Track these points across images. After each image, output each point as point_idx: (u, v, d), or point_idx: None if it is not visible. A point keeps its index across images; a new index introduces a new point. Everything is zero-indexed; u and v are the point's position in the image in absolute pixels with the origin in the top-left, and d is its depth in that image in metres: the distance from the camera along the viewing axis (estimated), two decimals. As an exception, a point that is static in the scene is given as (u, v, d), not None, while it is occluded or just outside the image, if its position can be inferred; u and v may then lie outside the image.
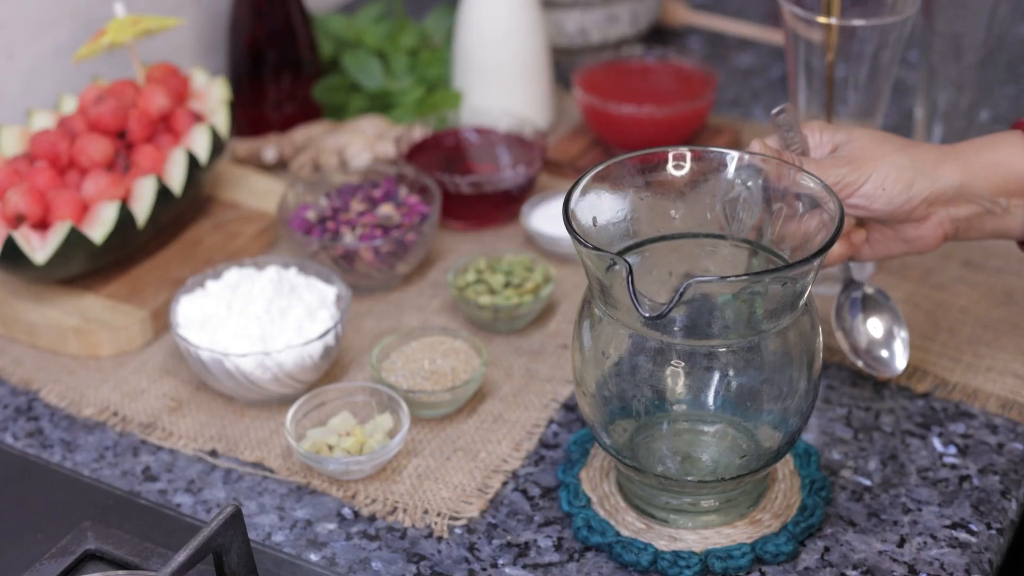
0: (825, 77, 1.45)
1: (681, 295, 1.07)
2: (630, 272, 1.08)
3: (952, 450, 1.34)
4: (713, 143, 1.76)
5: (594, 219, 1.20)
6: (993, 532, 1.26)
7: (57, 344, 1.47)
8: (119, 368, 1.46)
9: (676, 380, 1.18)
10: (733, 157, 1.22)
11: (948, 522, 1.26)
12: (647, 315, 1.08)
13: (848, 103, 1.46)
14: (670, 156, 1.23)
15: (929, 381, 1.42)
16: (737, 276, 1.11)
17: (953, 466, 1.32)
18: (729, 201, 1.23)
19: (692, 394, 1.19)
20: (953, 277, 1.55)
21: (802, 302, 1.16)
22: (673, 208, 1.24)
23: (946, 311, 1.50)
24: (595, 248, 1.11)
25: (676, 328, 1.14)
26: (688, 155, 1.23)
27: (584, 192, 1.20)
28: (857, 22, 1.41)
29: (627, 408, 1.20)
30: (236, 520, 1.15)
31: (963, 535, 1.25)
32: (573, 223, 1.16)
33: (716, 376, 1.17)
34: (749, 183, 1.21)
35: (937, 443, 1.35)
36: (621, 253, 1.23)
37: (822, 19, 1.42)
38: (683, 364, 1.16)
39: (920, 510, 1.28)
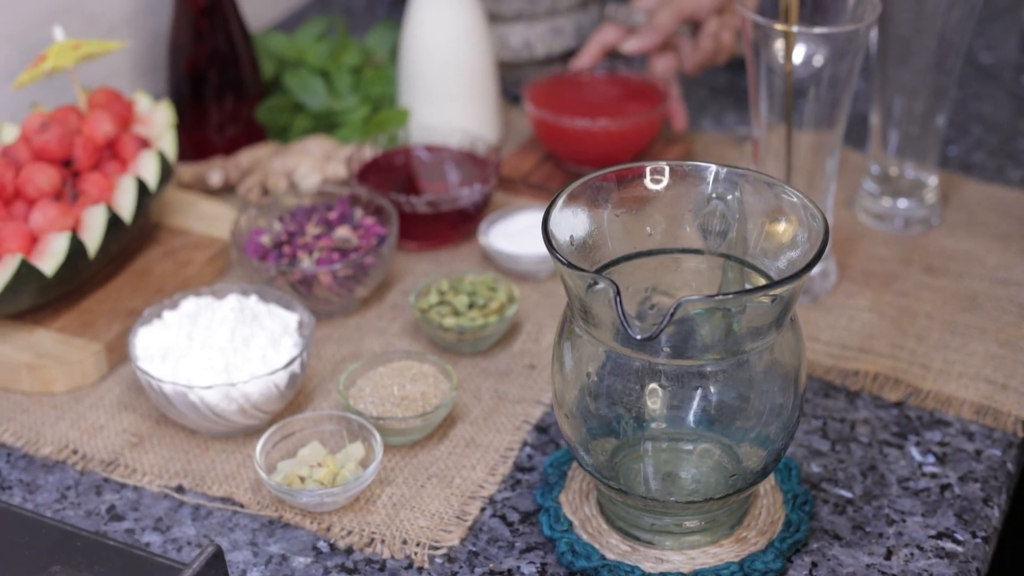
0: (785, 86, 1.43)
1: (672, 315, 1.05)
2: (617, 293, 1.06)
3: (931, 459, 1.33)
4: (666, 155, 1.74)
5: (571, 237, 1.18)
6: (979, 540, 1.25)
7: (9, 381, 1.43)
8: (75, 404, 1.42)
9: (658, 399, 1.16)
10: (711, 171, 1.20)
11: (933, 532, 1.25)
12: (639, 337, 1.06)
13: (807, 113, 1.45)
14: (647, 171, 1.21)
15: (902, 390, 1.41)
16: (725, 294, 1.09)
17: (933, 475, 1.31)
18: (706, 215, 1.21)
19: (675, 413, 1.17)
20: (916, 283, 1.54)
21: (787, 318, 1.15)
22: (648, 224, 1.22)
23: (912, 318, 1.49)
24: (578, 268, 1.09)
25: (662, 348, 1.11)
26: (666, 170, 1.21)
27: (561, 210, 1.17)
28: (818, 30, 1.40)
29: (608, 427, 1.18)
30: (217, 560, 1.11)
31: (949, 545, 1.24)
32: (553, 243, 1.13)
33: (700, 395, 1.15)
34: (728, 196, 1.20)
35: (915, 452, 1.34)
36: (599, 271, 1.20)
37: (781, 27, 1.40)
38: (667, 384, 1.14)
39: (904, 521, 1.26)
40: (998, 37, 2.05)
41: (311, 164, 1.66)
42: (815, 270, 1.51)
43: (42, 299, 1.45)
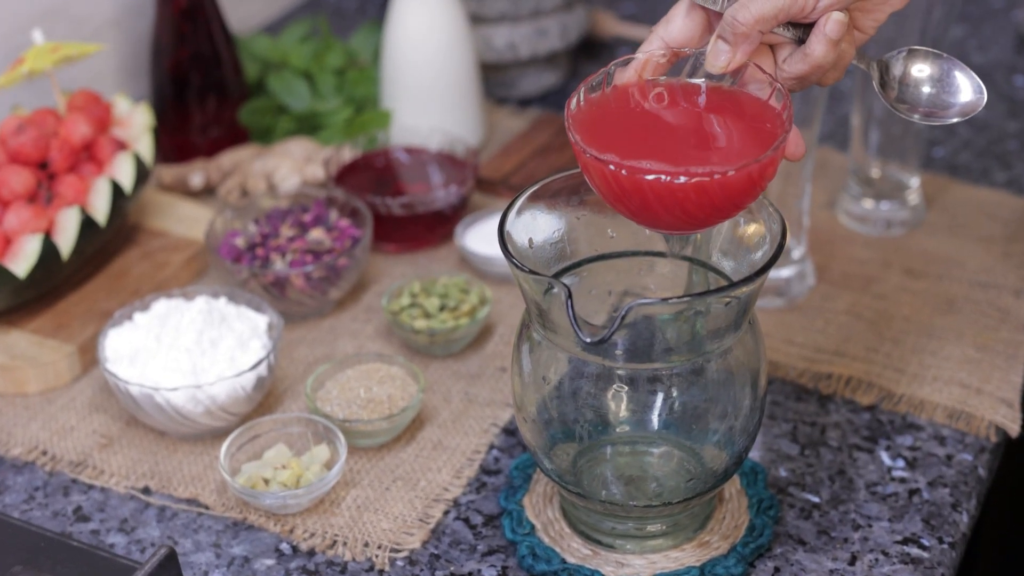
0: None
1: (623, 319, 1.04)
2: (569, 296, 1.06)
3: (900, 463, 1.32)
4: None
5: (530, 240, 1.18)
6: (945, 546, 1.24)
7: (-18, 382, 1.44)
8: (47, 405, 1.42)
9: (619, 403, 1.15)
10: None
11: (899, 538, 1.24)
12: (588, 340, 1.05)
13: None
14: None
15: (875, 393, 1.40)
16: (679, 297, 1.09)
17: (902, 480, 1.30)
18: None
19: (635, 417, 1.16)
20: (895, 286, 1.53)
21: (746, 320, 1.14)
22: (610, 226, 1.22)
23: (889, 321, 1.48)
24: (532, 272, 1.09)
25: (618, 352, 1.11)
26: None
27: (519, 212, 1.17)
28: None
29: (569, 432, 1.18)
30: (170, 562, 1.11)
31: (915, 550, 1.23)
32: (509, 245, 1.13)
33: (659, 398, 1.15)
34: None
35: (885, 457, 1.33)
36: (559, 274, 1.20)
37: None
38: (625, 387, 1.14)
39: (870, 526, 1.26)
40: (990, 38, 2.03)
41: (291, 166, 1.65)
42: (791, 272, 1.50)
43: (16, 301, 1.45)
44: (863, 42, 1.15)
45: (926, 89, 1.13)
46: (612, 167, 1.05)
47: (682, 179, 1.03)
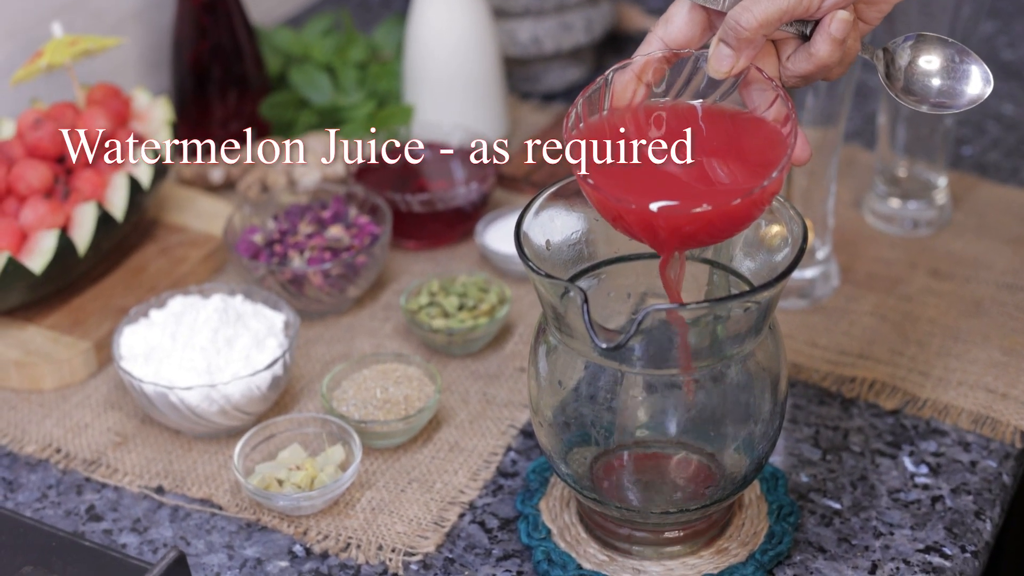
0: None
1: (639, 324, 1.02)
2: (585, 300, 1.04)
3: (924, 470, 1.30)
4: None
5: (547, 242, 1.16)
6: (968, 555, 1.22)
7: (-2, 378, 1.43)
8: (62, 402, 1.41)
9: (636, 409, 1.13)
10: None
11: (921, 546, 1.22)
12: (604, 346, 1.03)
13: (809, 109, 1.42)
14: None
15: (898, 397, 1.38)
16: (698, 303, 1.06)
17: (925, 486, 1.28)
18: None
19: (653, 422, 1.14)
20: (921, 287, 1.51)
21: (767, 324, 1.12)
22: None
23: (914, 323, 1.46)
24: (548, 275, 1.07)
25: (635, 357, 1.09)
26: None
27: (537, 213, 1.15)
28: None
29: (585, 436, 1.16)
30: (179, 566, 1.10)
31: (937, 559, 1.21)
32: (525, 247, 1.11)
33: (678, 404, 1.13)
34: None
35: (908, 463, 1.31)
36: (577, 276, 1.18)
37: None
38: (643, 393, 1.12)
39: (892, 534, 1.24)
40: (1021, 34, 2.00)
41: (311, 161, 1.64)
42: (815, 273, 1.48)
43: (32, 297, 1.44)
44: (867, 32, 1.13)
45: (935, 80, 1.10)
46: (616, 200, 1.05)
47: (682, 210, 1.03)
